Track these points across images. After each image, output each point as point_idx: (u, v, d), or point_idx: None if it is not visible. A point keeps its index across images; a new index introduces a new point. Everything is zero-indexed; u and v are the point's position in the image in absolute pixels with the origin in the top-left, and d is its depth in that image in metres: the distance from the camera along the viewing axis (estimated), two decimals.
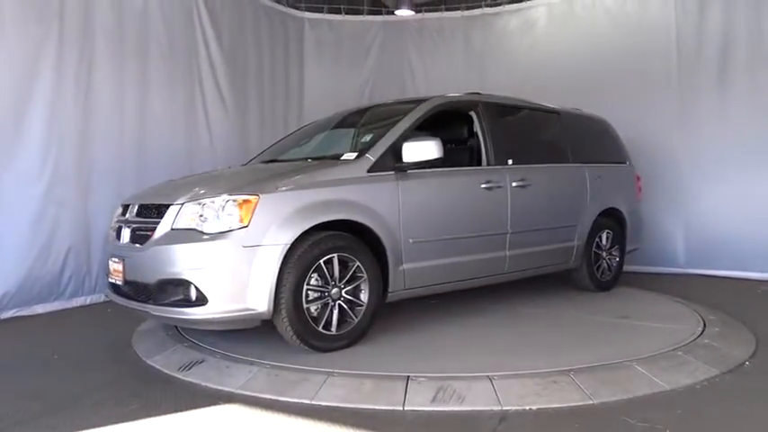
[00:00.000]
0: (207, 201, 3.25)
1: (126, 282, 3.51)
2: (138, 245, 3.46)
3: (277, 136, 7.20)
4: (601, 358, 3.21)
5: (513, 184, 4.34)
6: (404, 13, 8.06)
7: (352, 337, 3.51)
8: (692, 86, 6.27)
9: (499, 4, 7.69)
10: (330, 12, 7.91)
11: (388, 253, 3.62)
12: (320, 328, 3.38)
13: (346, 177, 3.57)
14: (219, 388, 3.05)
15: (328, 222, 3.43)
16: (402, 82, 7.86)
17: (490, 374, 2.98)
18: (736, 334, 3.83)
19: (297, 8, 7.73)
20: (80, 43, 5.17)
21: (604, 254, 5.16)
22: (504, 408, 2.75)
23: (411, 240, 3.74)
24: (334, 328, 3.43)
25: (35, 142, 4.89)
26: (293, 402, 2.85)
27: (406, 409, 2.77)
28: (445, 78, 7.53)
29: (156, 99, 5.84)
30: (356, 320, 3.51)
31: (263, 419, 2.70)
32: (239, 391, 2.99)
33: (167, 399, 2.94)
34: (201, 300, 3.14)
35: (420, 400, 2.82)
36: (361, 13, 8.07)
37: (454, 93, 4.73)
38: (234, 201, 3.21)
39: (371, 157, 3.68)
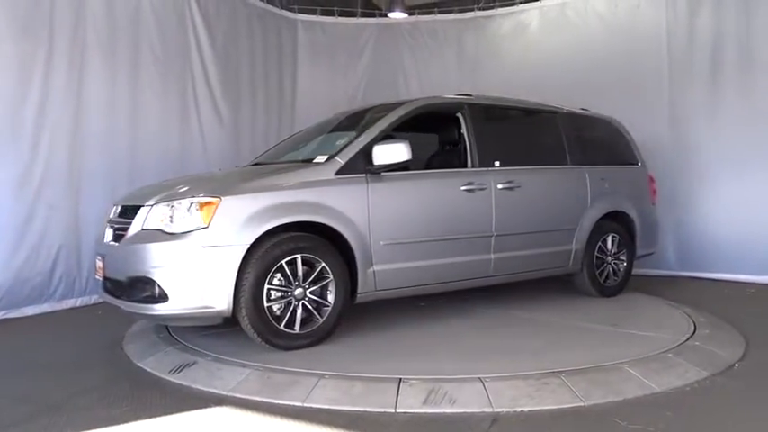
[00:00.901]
0: (174, 203, 3.39)
1: (105, 278, 3.69)
2: (115, 243, 3.63)
3: (269, 138, 7.22)
4: (592, 360, 3.22)
5: (499, 186, 4.30)
6: (397, 15, 8.08)
7: (316, 337, 3.55)
8: (683, 89, 6.31)
9: (492, 8, 7.72)
10: (323, 14, 7.91)
11: (357, 254, 3.67)
12: (282, 327, 3.44)
13: (313, 180, 3.63)
14: (210, 390, 3.04)
15: (298, 224, 3.51)
16: (395, 84, 7.87)
17: (482, 376, 2.98)
18: (725, 336, 3.86)
19: (290, 10, 7.72)
20: (71, 46, 5.15)
21: (609, 258, 5.01)
22: (496, 410, 2.75)
23: (382, 242, 3.77)
24: (297, 327, 3.48)
25: (26, 144, 4.86)
26: (284, 405, 2.84)
27: (397, 411, 2.77)
28: (438, 80, 7.55)
29: (149, 102, 5.82)
30: (321, 320, 3.56)
31: (253, 422, 2.69)
32: (230, 394, 2.98)
33: (157, 401, 2.92)
34: (163, 297, 3.27)
35: (411, 402, 2.81)
36: (355, 15, 8.08)
37: (446, 95, 4.74)
38: (196, 203, 3.33)
39: (340, 160, 3.74)
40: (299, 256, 3.47)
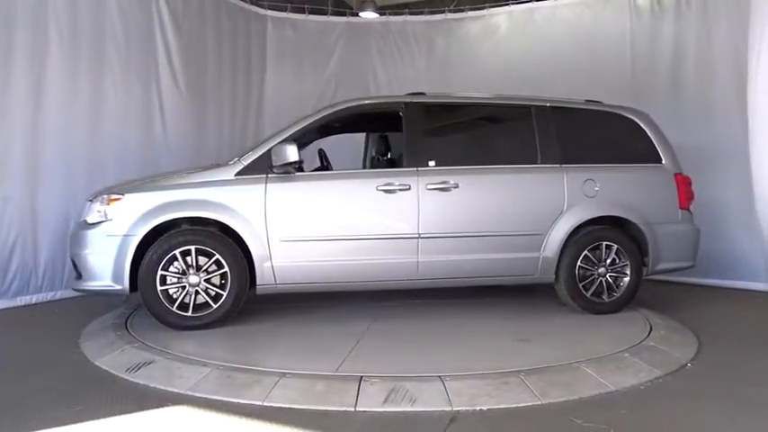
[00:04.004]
0: (96, 198, 4.02)
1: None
2: None
3: (235, 134, 7.14)
4: (551, 360, 3.28)
5: (429, 186, 4.16)
6: (368, 15, 8.07)
7: (208, 321, 3.90)
8: (646, 93, 6.45)
9: (462, 11, 7.80)
10: (294, 11, 7.86)
11: (252, 249, 3.94)
12: (174, 309, 3.85)
13: (213, 180, 4.01)
14: (168, 389, 2.99)
15: (204, 219, 3.93)
16: (365, 83, 7.87)
17: (442, 375, 3.01)
18: (679, 337, 3.96)
19: (260, 6, 7.64)
20: (32, 35, 5.00)
21: (601, 270, 4.41)
22: (455, 408, 2.77)
23: (280, 239, 3.97)
24: (190, 311, 3.87)
25: None
26: (244, 404, 2.82)
27: (357, 410, 2.77)
28: (408, 80, 7.56)
29: (111, 93, 5.68)
30: (214, 307, 3.90)
31: (211, 422, 2.66)
32: (188, 393, 2.93)
33: (112, 401, 2.87)
34: (80, 275, 3.98)
35: (372, 401, 2.82)
36: (326, 14, 8.05)
37: (398, 94, 4.76)
38: (106, 199, 3.94)
39: (243, 162, 4.06)
40: (192, 247, 3.86)
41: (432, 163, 4.26)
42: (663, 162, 4.69)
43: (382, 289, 4.43)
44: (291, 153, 3.91)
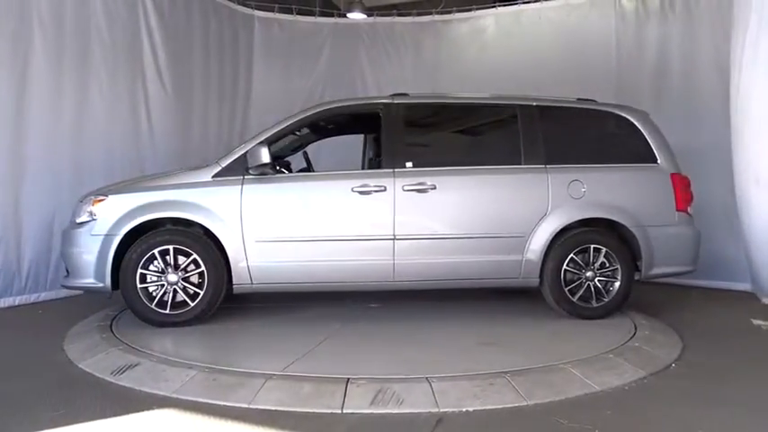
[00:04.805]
0: (86, 199, 4.16)
1: None
2: None
3: (221, 134, 7.10)
4: (537, 361, 3.30)
5: (405, 188, 4.13)
6: (356, 16, 8.07)
7: (186, 318, 4.00)
8: (631, 94, 6.50)
9: (449, 12, 7.83)
10: (281, 11, 7.84)
11: (228, 249, 4.03)
12: (153, 306, 3.97)
13: (192, 182, 4.12)
14: (153, 392, 2.97)
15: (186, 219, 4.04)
16: (353, 84, 7.86)
17: (429, 376, 3.02)
18: (663, 338, 4.00)
19: (247, 6, 7.61)
20: (15, 33, 4.93)
21: (589, 274, 4.28)
22: (442, 410, 2.78)
23: (255, 240, 4.04)
24: (168, 309, 3.97)
25: None
26: (230, 406, 2.81)
27: (344, 411, 2.77)
28: (395, 81, 7.55)
29: (96, 93, 5.62)
30: (192, 305, 3.99)
31: (197, 424, 2.64)
32: (174, 396, 2.92)
33: (97, 404, 2.84)
34: (67, 272, 4.17)
35: (359, 403, 2.82)
36: (313, 14, 8.03)
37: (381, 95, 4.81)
38: (92, 200, 4.10)
39: (221, 164, 4.15)
40: (170, 247, 3.97)
41: (409, 164, 4.22)
42: (658, 162, 4.53)
43: (360, 290, 4.45)
44: (264, 155, 3.97)
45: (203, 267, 3.99)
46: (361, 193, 4.13)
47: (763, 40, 4.62)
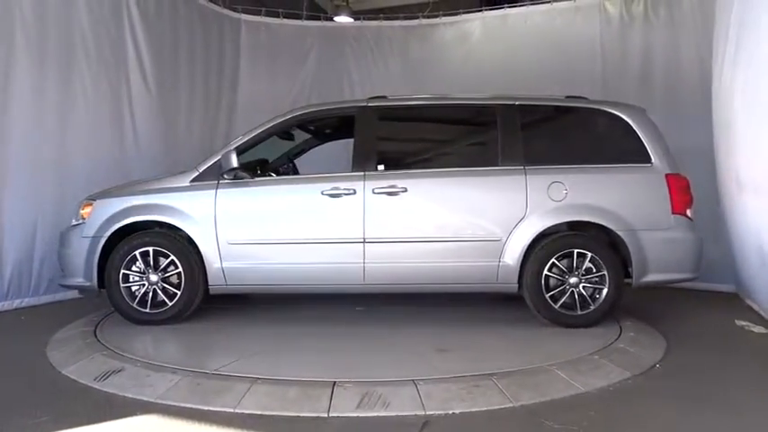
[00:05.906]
0: (80, 203, 4.42)
1: None
2: None
3: (206, 140, 7.05)
4: (523, 362, 3.31)
5: (376, 190, 4.11)
6: (343, 19, 8.08)
7: (165, 317, 4.16)
8: (617, 97, 6.54)
9: (436, 17, 7.85)
10: (268, 15, 7.82)
11: (203, 251, 4.17)
12: (134, 305, 4.15)
13: (171, 186, 4.29)
14: (137, 398, 2.94)
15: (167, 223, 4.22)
16: (340, 88, 7.85)
17: (415, 379, 3.02)
18: (648, 339, 4.03)
19: (234, 10, 7.58)
20: None
21: (573, 280, 4.09)
22: (428, 412, 2.78)
23: (228, 242, 4.15)
24: (148, 307, 4.15)
25: None
26: (215, 411, 2.79)
27: (331, 415, 2.76)
28: (382, 85, 7.54)
29: (80, 96, 5.55)
30: (170, 305, 4.15)
31: (180, 430, 2.62)
32: (158, 401, 2.89)
33: (80, 410, 2.81)
34: (62, 271, 4.42)
35: (345, 407, 2.81)
36: (300, 18, 8.02)
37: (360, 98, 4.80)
38: (83, 204, 4.36)
39: (198, 169, 4.30)
40: (150, 248, 4.15)
41: (381, 167, 4.20)
42: (652, 162, 4.26)
43: (332, 293, 4.51)
44: (233, 160, 4.09)
45: (180, 268, 4.14)
46: (331, 196, 4.14)
47: (743, 39, 4.69)
